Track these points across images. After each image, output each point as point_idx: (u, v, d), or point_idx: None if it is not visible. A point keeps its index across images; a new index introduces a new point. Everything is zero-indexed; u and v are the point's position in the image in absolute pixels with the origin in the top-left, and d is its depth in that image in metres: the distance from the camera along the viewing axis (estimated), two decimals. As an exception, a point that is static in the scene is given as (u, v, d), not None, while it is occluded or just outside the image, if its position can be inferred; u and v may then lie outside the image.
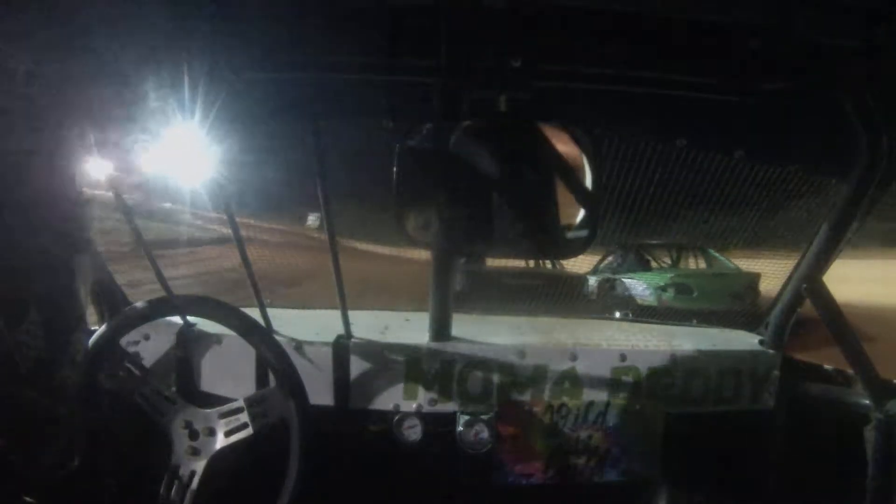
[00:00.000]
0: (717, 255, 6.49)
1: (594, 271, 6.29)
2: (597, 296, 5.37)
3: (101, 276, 1.12)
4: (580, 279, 5.64)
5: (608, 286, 5.90)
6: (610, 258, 6.70)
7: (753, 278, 5.77)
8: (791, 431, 1.17)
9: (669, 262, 6.88)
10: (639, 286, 5.98)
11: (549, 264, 5.77)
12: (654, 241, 7.08)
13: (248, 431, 0.96)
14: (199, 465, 0.95)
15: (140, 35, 0.59)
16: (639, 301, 5.79)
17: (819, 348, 1.21)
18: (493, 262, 5.12)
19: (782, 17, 0.61)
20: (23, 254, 0.40)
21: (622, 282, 6.04)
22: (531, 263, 5.59)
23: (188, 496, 0.93)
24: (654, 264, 6.71)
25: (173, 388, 1.00)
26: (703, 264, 6.66)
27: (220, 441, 0.96)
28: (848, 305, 1.00)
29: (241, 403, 0.96)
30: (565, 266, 6.10)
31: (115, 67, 0.52)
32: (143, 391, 0.97)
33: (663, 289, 5.82)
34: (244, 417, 0.96)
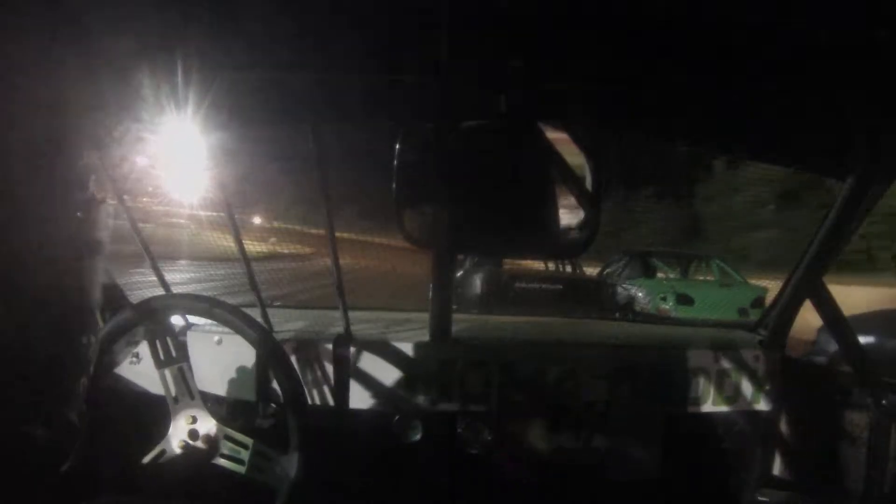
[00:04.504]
0: (727, 267, 6.61)
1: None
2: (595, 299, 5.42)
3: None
4: (602, 284, 5.71)
5: (609, 291, 6.00)
6: (614, 265, 6.73)
7: (761, 292, 5.77)
8: (791, 431, 1.17)
9: (678, 270, 6.90)
10: (639, 293, 6.04)
11: (566, 267, 5.80)
12: (662, 249, 7.10)
13: (241, 470, 0.92)
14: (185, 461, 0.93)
15: (139, 34, 0.59)
16: (637, 308, 5.87)
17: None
18: (510, 265, 5.10)
19: (782, 16, 0.61)
20: (33, 255, 0.40)
21: (622, 287, 6.09)
22: (550, 266, 5.62)
23: (164, 476, 0.91)
24: (660, 273, 6.74)
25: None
26: (711, 276, 6.71)
27: (213, 457, 0.93)
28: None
29: (249, 442, 0.93)
30: (585, 270, 6.15)
31: (117, 65, 0.52)
32: (172, 368, 0.94)
33: (663, 298, 5.89)
34: (245, 456, 0.92)
